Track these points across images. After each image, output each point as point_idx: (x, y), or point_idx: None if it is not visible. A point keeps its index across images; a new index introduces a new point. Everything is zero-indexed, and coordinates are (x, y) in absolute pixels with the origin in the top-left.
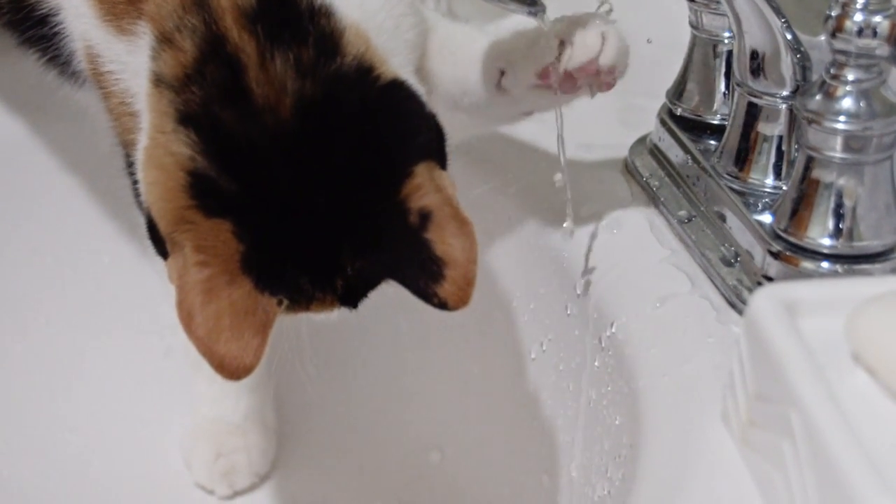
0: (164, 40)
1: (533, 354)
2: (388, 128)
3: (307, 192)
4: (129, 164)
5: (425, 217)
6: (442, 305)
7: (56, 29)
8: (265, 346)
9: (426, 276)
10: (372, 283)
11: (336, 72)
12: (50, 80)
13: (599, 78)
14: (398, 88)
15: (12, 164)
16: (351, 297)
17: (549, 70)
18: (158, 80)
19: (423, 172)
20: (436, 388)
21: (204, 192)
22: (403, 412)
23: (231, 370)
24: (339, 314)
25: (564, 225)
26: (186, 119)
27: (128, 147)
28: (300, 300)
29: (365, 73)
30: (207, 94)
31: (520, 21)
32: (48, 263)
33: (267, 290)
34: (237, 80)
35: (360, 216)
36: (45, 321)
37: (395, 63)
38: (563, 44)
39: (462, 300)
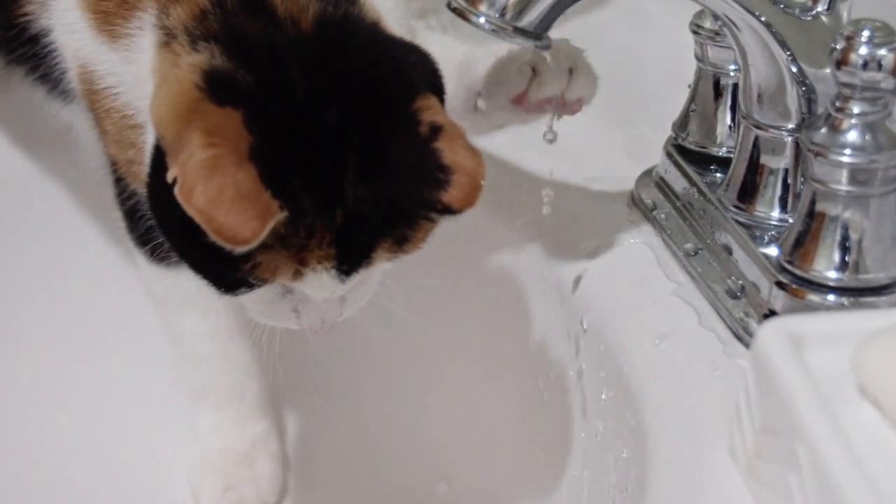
0: (171, 2)
1: (540, 386)
2: (402, 57)
3: (320, 98)
4: (122, 192)
5: (436, 129)
6: (446, 210)
7: (47, 49)
8: (263, 232)
9: (431, 185)
10: (371, 226)
11: (356, 14)
12: (38, 98)
13: (566, 107)
14: (412, 44)
15: (21, 194)
16: (348, 251)
17: (521, 97)
18: (168, 38)
19: (434, 99)
20: (443, 419)
21: (217, 84)
22: (411, 443)
23: (228, 237)
24: (336, 289)
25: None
26: (204, 37)
27: (125, 166)
28: (297, 223)
29: (378, 26)
30: (228, 12)
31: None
32: (56, 294)
33: (270, 189)
34: (260, 1)
35: (369, 125)
36: (53, 352)
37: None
38: (535, 72)
39: (467, 202)
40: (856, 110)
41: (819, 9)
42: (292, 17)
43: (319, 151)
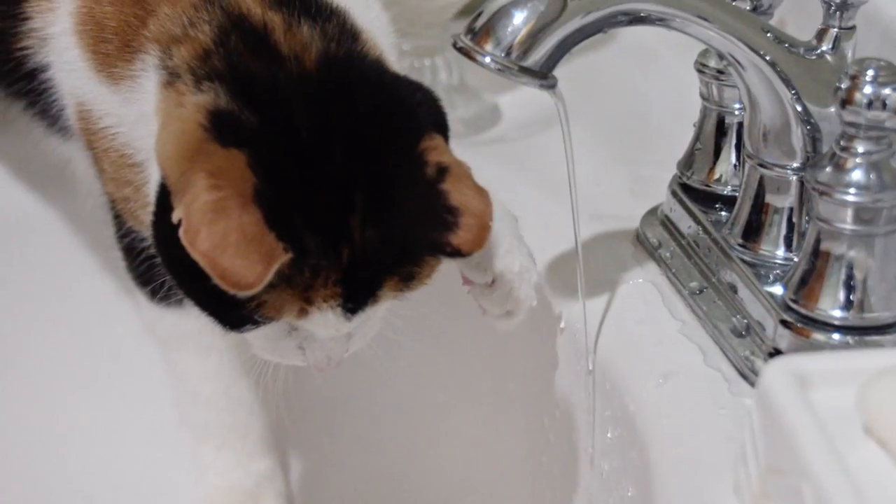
0: (174, 43)
1: (545, 425)
2: (407, 95)
3: (325, 137)
4: (120, 230)
5: (442, 171)
6: (455, 253)
7: (45, 84)
8: (268, 276)
9: (440, 228)
10: (378, 265)
11: (359, 51)
12: (36, 133)
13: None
14: (416, 81)
15: (26, 235)
16: (354, 289)
17: (471, 284)
18: (172, 77)
19: (440, 138)
20: (449, 457)
21: (222, 125)
22: (417, 481)
23: (233, 282)
24: (342, 326)
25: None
26: (209, 76)
27: (121, 203)
28: (302, 263)
29: (382, 64)
30: (231, 51)
31: None
32: (62, 333)
33: (275, 231)
34: (264, 40)
35: (376, 165)
36: (60, 391)
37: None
38: (494, 282)
39: (477, 244)
40: (860, 149)
41: (824, 48)
42: (296, 55)
43: (325, 191)
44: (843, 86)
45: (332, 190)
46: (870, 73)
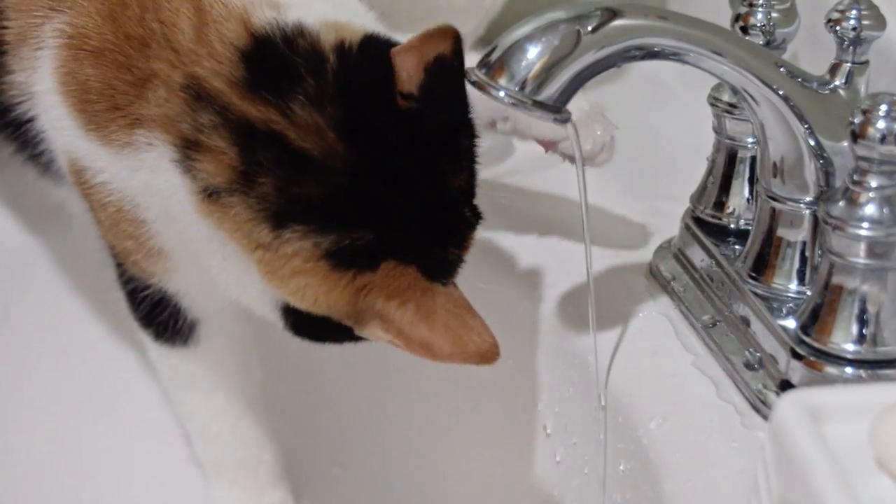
0: (191, 146)
1: (558, 457)
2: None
3: (408, 184)
4: (122, 276)
5: None
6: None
7: (33, 134)
8: (485, 321)
9: None
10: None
11: (333, 76)
12: (30, 175)
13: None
14: (369, 42)
15: (36, 274)
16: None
17: (551, 144)
18: (212, 193)
19: None
20: (460, 489)
21: (350, 259)
22: None
23: (490, 356)
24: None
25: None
26: (279, 218)
27: (123, 255)
28: (454, 269)
29: (340, 50)
30: (276, 179)
31: None
32: (73, 368)
33: (444, 284)
34: (286, 148)
35: (452, 158)
36: (70, 426)
37: (360, 22)
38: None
39: None
40: (873, 184)
41: (837, 82)
42: (324, 149)
43: (436, 216)
44: (856, 120)
45: (440, 213)
46: (883, 107)
